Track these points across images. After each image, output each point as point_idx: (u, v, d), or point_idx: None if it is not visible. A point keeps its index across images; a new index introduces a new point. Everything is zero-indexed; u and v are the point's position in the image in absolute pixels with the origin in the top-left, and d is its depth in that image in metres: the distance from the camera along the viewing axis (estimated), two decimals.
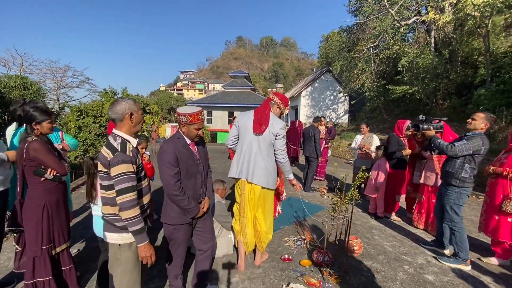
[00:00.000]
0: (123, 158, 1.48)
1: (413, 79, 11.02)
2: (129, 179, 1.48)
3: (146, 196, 1.70)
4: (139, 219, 1.50)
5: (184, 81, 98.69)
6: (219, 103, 24.79)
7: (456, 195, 2.77)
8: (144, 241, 1.53)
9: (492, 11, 7.82)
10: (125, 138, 1.58)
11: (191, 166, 1.92)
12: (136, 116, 1.62)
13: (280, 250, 3.06)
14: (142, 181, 1.67)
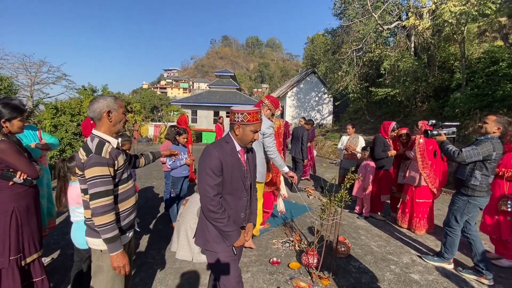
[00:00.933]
0: (97, 160, 1.38)
1: (395, 81, 11.37)
2: (103, 183, 1.37)
3: (129, 200, 1.59)
4: (112, 226, 1.39)
5: (168, 80, 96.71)
6: (204, 102, 24.44)
7: (462, 203, 2.59)
8: (117, 250, 1.42)
9: (467, 18, 8.20)
10: (104, 138, 1.47)
11: (236, 179, 1.57)
12: (116, 115, 1.51)
13: (269, 253, 3.01)
14: (124, 183, 1.56)
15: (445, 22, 8.73)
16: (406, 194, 3.78)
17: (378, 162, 4.07)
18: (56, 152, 10.96)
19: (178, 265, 2.73)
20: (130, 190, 1.60)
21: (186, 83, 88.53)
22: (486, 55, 9.50)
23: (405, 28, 11.18)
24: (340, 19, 15.39)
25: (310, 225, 3.87)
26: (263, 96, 3.08)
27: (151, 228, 3.72)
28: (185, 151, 3.69)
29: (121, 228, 1.52)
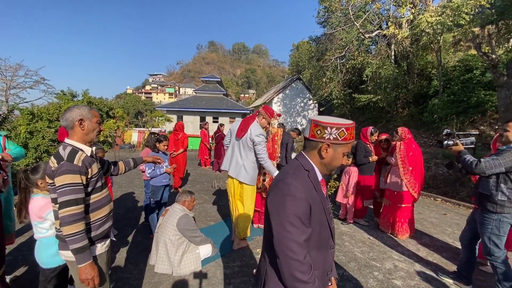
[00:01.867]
0: (68, 167, 1.35)
1: (376, 88, 11.72)
2: (73, 191, 1.35)
3: (104, 208, 1.55)
4: (80, 236, 1.35)
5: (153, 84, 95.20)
6: (190, 107, 24.15)
7: (494, 223, 2.25)
8: (85, 261, 1.36)
9: (443, 28, 8.61)
10: (77, 146, 1.46)
11: (324, 225, 1.11)
12: (88, 124, 1.50)
13: (252, 263, 2.93)
14: (99, 192, 1.52)
15: (423, 32, 9.13)
16: (388, 199, 3.83)
17: (360, 167, 4.12)
18: (31, 160, 10.42)
19: (157, 279, 2.61)
20: (104, 198, 1.56)
21: (172, 88, 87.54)
22: (461, 64, 10.00)
23: (386, 37, 11.60)
24: (324, 27, 15.79)
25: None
26: (261, 107, 3.30)
27: (130, 240, 3.55)
28: (166, 158, 3.58)
29: (96, 237, 1.49)
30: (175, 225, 2.72)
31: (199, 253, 2.83)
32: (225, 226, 3.98)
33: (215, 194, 5.76)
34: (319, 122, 1.06)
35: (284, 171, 1.13)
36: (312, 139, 1.09)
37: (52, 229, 1.76)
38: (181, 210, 2.84)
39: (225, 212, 4.60)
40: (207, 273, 2.74)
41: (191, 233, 2.78)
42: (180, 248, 2.73)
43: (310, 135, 1.09)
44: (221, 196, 5.57)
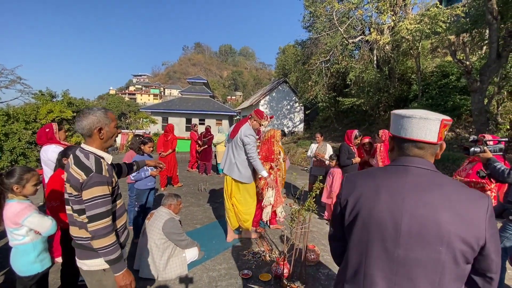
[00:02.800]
0: (99, 179, 1.30)
1: (360, 92, 12.07)
2: (104, 203, 1.31)
3: (122, 217, 1.53)
4: (115, 247, 1.34)
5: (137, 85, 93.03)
6: (176, 109, 23.79)
7: None
8: (122, 269, 1.37)
9: (422, 36, 9.03)
10: (98, 154, 1.39)
11: None
12: (107, 131, 1.42)
13: (239, 265, 2.94)
14: (120, 198, 1.51)
15: (403, 38, 9.53)
16: None
17: (344, 169, 4.23)
18: (7, 164, 9.89)
19: (142, 284, 2.55)
20: (123, 206, 1.56)
21: (157, 89, 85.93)
22: (438, 69, 10.50)
23: (368, 42, 11.98)
24: (309, 31, 16.09)
25: (281, 234, 3.87)
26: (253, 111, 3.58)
27: None
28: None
29: (122, 243, 1.49)
30: (161, 229, 2.68)
31: (185, 257, 2.81)
32: (211, 229, 3.95)
33: (201, 197, 5.71)
34: (448, 121, 0.87)
35: (460, 184, 0.85)
36: (440, 142, 0.89)
37: (29, 235, 1.69)
38: (167, 214, 2.80)
39: (212, 215, 4.57)
40: (193, 276, 2.71)
41: (177, 237, 2.75)
42: (166, 252, 2.69)
43: (439, 138, 0.86)
44: (208, 199, 5.53)
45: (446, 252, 0.77)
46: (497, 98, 7.37)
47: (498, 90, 7.17)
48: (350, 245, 0.92)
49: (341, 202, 0.96)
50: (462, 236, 0.77)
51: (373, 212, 0.85)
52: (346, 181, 0.99)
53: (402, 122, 0.90)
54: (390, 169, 0.91)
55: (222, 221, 4.31)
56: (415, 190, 0.82)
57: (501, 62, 6.16)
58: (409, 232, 0.79)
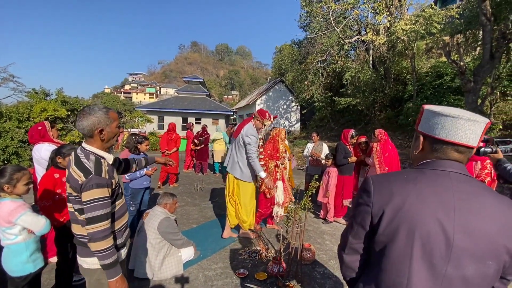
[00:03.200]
0: (98, 181, 1.28)
1: (355, 92, 12.13)
2: (103, 206, 1.29)
3: (125, 214, 1.53)
4: (111, 251, 1.31)
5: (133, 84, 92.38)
6: (172, 108, 23.67)
7: None
8: (117, 274, 1.33)
9: (417, 36, 9.10)
10: (99, 154, 1.36)
11: None
12: (109, 132, 1.38)
13: (235, 265, 2.93)
14: (121, 198, 1.50)
15: (398, 39, 9.59)
16: None
17: (340, 168, 4.25)
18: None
19: (137, 284, 2.53)
20: (124, 205, 1.54)
21: (153, 88, 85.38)
22: (433, 70, 10.60)
23: (364, 43, 12.05)
24: (306, 31, 16.11)
25: (277, 233, 3.87)
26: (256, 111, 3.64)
27: None
28: None
29: (121, 244, 1.47)
30: (156, 228, 2.66)
31: (181, 256, 2.79)
32: (207, 229, 3.94)
33: (197, 196, 5.68)
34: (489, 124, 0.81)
35: (492, 190, 0.81)
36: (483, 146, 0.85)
37: (21, 234, 1.67)
38: (162, 213, 2.78)
39: (208, 215, 4.55)
40: (189, 276, 2.70)
41: (173, 236, 2.73)
42: (161, 252, 2.68)
43: (479, 142, 0.80)
44: (204, 198, 5.51)
45: (494, 266, 0.73)
46: (490, 99, 7.47)
47: (491, 91, 7.27)
48: (383, 262, 0.78)
49: (374, 211, 0.80)
50: (508, 247, 0.73)
51: (420, 224, 0.73)
52: (376, 186, 0.82)
53: (443, 121, 0.79)
54: (429, 173, 0.80)
55: (218, 220, 4.30)
56: (462, 199, 0.74)
57: (494, 63, 6.24)
58: (461, 247, 0.72)
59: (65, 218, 2.26)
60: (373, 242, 0.82)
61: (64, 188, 2.34)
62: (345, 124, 14.40)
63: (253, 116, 3.55)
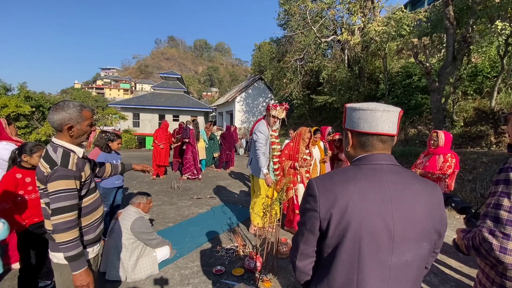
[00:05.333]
0: (63, 173, 1.30)
1: (332, 90, 12.50)
2: (68, 197, 1.30)
3: (98, 210, 1.54)
4: (76, 243, 1.32)
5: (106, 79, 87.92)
6: (148, 105, 22.87)
7: None
8: (81, 267, 1.33)
9: (388, 37, 9.54)
10: (69, 148, 1.37)
11: None
12: (79, 129, 1.39)
13: (212, 262, 2.93)
14: (93, 193, 1.50)
15: (371, 39, 9.98)
16: None
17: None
18: None
19: (109, 286, 2.45)
20: (98, 200, 1.55)
21: (128, 84, 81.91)
22: (403, 70, 11.18)
23: (340, 42, 12.42)
24: (284, 29, 16.28)
25: (256, 229, 3.91)
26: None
27: None
28: (119, 158, 3.37)
29: (91, 240, 1.48)
30: (129, 229, 2.58)
31: (156, 256, 2.73)
32: (184, 227, 3.89)
33: (175, 195, 5.57)
34: (401, 113, 0.88)
35: (417, 176, 0.87)
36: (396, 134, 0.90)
37: None
38: (136, 213, 2.70)
39: (185, 213, 4.49)
40: (164, 276, 2.65)
41: (147, 236, 2.67)
42: (135, 252, 2.60)
43: (397, 130, 0.87)
44: (181, 197, 5.42)
45: (427, 246, 0.80)
46: (453, 98, 8.04)
47: (454, 90, 7.82)
48: (334, 263, 0.79)
49: (322, 216, 0.80)
50: (436, 227, 0.81)
51: (364, 222, 0.75)
52: (321, 189, 0.82)
53: (363, 115, 0.85)
54: (365, 169, 0.83)
55: (196, 218, 4.26)
56: (396, 190, 0.79)
57: (456, 64, 6.72)
58: (401, 236, 0.76)
59: (27, 221, 2.12)
60: (323, 244, 0.83)
61: (27, 189, 2.20)
62: (323, 121, 14.79)
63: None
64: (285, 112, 3.41)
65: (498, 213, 0.94)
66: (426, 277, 2.73)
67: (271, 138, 3.40)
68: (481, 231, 0.97)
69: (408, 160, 6.87)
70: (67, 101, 1.38)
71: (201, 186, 6.43)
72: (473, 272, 2.85)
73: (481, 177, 5.71)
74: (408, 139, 9.08)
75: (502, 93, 7.32)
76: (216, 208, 4.79)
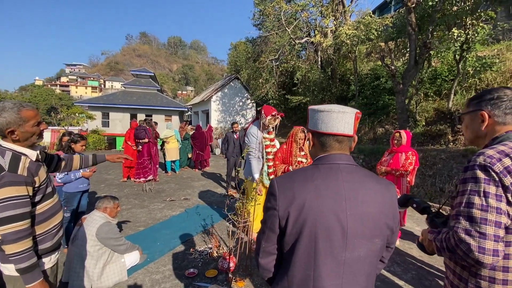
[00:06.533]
0: (12, 179, 1.19)
1: (306, 90, 12.81)
2: (17, 205, 1.19)
3: (57, 216, 1.44)
4: (28, 254, 1.22)
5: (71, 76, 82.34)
6: (118, 104, 21.79)
7: None
8: (36, 280, 1.23)
9: (358, 41, 9.99)
10: (18, 151, 1.25)
11: None
12: (23, 132, 1.26)
13: (185, 265, 2.87)
14: (50, 198, 1.40)
15: (343, 42, 10.39)
16: None
17: None
18: None
19: None
20: (56, 205, 1.45)
21: (96, 81, 77.44)
22: (372, 72, 11.77)
23: (313, 44, 12.76)
24: (259, 29, 16.37)
25: (228, 229, 3.89)
26: None
27: None
28: None
29: (49, 249, 1.39)
30: (94, 235, 2.44)
31: (124, 262, 2.62)
32: (156, 231, 3.76)
33: (146, 197, 5.37)
34: (359, 114, 0.92)
35: (371, 174, 0.92)
36: (354, 135, 0.94)
37: None
38: (102, 218, 2.56)
39: (157, 216, 4.34)
40: (134, 282, 2.55)
41: (114, 242, 2.54)
42: (101, 260, 2.47)
43: (354, 130, 0.91)
44: (153, 199, 5.24)
45: (380, 242, 0.85)
46: (416, 99, 8.63)
47: (416, 92, 8.39)
48: (293, 259, 0.83)
49: (281, 214, 0.83)
50: (388, 223, 0.85)
51: (319, 219, 0.79)
52: (281, 188, 0.85)
53: (321, 116, 0.89)
54: (323, 168, 0.87)
55: (169, 221, 4.14)
56: (351, 188, 0.82)
57: (418, 68, 7.22)
58: (354, 233, 0.80)
59: None
60: (283, 242, 0.86)
61: None
62: (297, 121, 15.12)
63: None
64: (278, 120, 3.28)
65: (471, 211, 0.92)
66: (390, 267, 2.90)
67: (265, 141, 3.27)
68: (456, 232, 0.93)
69: (377, 157, 7.25)
70: (1, 104, 1.25)
71: (174, 188, 6.26)
72: (432, 260, 3.08)
73: (440, 172, 6.19)
74: (376, 138, 9.58)
75: (458, 95, 7.98)
76: (190, 209, 4.70)
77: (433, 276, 2.80)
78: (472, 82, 7.83)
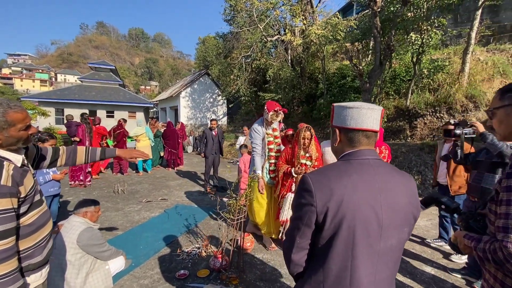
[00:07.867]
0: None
1: (277, 88, 13.04)
2: (0, 221, 1.02)
3: (47, 226, 1.28)
4: (14, 277, 1.06)
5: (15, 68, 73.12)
6: (75, 99, 19.96)
7: None
8: None
9: (326, 40, 10.43)
10: (1, 155, 1.09)
11: None
12: (7, 137, 1.09)
13: (174, 267, 2.79)
14: (39, 207, 1.23)
15: (312, 41, 10.76)
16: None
17: None
18: None
19: None
20: (45, 214, 1.28)
21: (46, 73, 69.84)
22: (338, 71, 12.38)
23: (284, 42, 12.99)
24: (230, 25, 16.16)
25: (215, 228, 3.86)
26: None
27: None
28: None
29: (38, 264, 1.22)
30: (75, 243, 2.25)
31: (109, 269, 2.46)
32: (136, 234, 3.58)
33: (119, 199, 5.06)
34: (383, 111, 0.99)
35: (395, 168, 1.00)
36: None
37: None
38: (82, 223, 2.37)
39: (134, 219, 4.13)
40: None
41: (98, 248, 2.37)
42: (83, 268, 2.29)
43: (380, 126, 0.98)
44: (127, 201, 4.95)
45: (407, 230, 0.92)
46: (379, 97, 9.31)
47: (380, 91, 9.07)
48: (329, 252, 0.86)
49: (319, 210, 0.84)
50: (414, 212, 0.92)
51: (357, 213, 0.83)
52: (316, 184, 0.86)
53: (350, 113, 0.92)
54: (355, 163, 0.91)
55: (149, 223, 3.97)
56: (383, 181, 0.88)
57: (382, 68, 7.79)
58: (388, 224, 0.85)
59: None
60: (319, 236, 0.88)
61: None
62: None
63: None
64: (281, 116, 3.25)
65: None
66: None
67: (268, 137, 3.27)
68: (506, 246, 0.88)
69: None
70: None
71: (149, 188, 5.98)
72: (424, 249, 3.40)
73: (401, 165, 6.80)
74: None
75: (415, 94, 8.79)
76: (170, 210, 4.55)
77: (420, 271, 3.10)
78: (426, 82, 8.67)
